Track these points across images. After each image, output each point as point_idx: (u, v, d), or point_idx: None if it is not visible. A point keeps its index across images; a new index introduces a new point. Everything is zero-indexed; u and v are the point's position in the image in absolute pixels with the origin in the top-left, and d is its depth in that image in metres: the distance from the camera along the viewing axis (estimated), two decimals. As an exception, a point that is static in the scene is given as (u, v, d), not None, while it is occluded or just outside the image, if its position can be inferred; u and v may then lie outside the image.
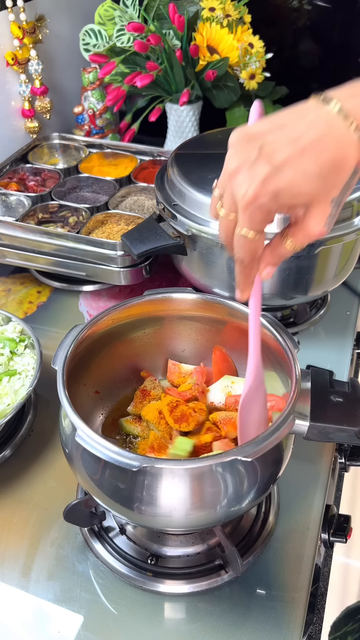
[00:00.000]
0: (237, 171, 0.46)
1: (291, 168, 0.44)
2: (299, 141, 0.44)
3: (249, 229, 0.47)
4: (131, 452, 0.50)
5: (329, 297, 0.99)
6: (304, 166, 0.44)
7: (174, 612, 0.60)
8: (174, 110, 1.26)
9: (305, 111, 0.46)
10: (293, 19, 1.32)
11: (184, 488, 0.50)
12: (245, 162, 0.46)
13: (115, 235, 0.96)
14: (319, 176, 0.44)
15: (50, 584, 0.62)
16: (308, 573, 0.62)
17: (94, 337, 0.65)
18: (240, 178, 0.46)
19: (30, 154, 1.17)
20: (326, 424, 0.55)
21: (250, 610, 0.59)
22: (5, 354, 0.78)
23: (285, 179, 0.44)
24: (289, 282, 0.81)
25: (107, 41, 1.20)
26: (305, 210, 0.48)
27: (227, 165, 0.47)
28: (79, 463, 0.54)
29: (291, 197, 0.45)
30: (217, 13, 1.16)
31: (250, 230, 0.47)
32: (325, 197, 0.46)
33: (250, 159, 0.45)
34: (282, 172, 0.44)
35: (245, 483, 0.52)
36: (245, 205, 0.46)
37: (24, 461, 0.74)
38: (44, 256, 0.95)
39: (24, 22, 1.13)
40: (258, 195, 0.45)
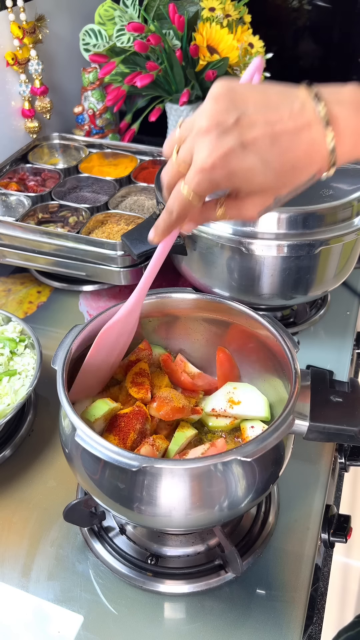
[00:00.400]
0: (207, 131, 0.44)
1: (256, 154, 0.43)
2: (275, 126, 0.43)
3: (191, 191, 0.47)
4: (131, 452, 0.50)
5: (329, 297, 0.99)
6: (268, 157, 0.44)
7: (174, 612, 0.60)
8: (174, 110, 1.26)
9: (294, 98, 0.44)
10: (293, 19, 1.32)
11: (184, 488, 0.50)
12: (219, 125, 0.44)
13: (115, 235, 0.96)
14: (277, 172, 0.44)
15: (50, 584, 0.62)
16: (308, 573, 0.62)
17: (94, 337, 0.65)
18: (206, 140, 0.44)
19: (30, 154, 1.17)
20: (326, 424, 0.55)
21: (250, 610, 0.59)
22: (5, 354, 0.78)
23: (246, 162, 0.44)
24: (289, 282, 0.81)
25: (107, 41, 1.20)
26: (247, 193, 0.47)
27: (200, 119, 0.45)
28: (78, 463, 0.54)
29: (243, 180, 0.45)
30: (217, 13, 1.16)
31: (193, 191, 0.47)
32: (272, 191, 0.46)
33: (224, 125, 0.44)
34: (246, 154, 0.43)
35: (244, 483, 0.52)
36: (199, 170, 0.45)
37: (24, 461, 0.74)
38: (44, 256, 0.95)
39: (24, 22, 1.13)
40: (215, 166, 0.44)
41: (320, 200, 0.77)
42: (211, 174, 0.45)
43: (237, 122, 0.44)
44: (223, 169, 0.44)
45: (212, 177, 0.45)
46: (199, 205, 0.49)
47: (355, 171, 0.83)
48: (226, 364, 0.70)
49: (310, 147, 0.44)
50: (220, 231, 0.78)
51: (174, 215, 0.50)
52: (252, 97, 0.45)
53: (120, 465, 0.49)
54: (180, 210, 0.49)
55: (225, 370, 0.70)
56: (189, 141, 0.46)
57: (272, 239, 0.76)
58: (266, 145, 0.43)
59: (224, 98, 0.45)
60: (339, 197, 0.78)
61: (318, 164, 0.45)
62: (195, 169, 0.45)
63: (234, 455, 0.49)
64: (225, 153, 0.44)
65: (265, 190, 0.46)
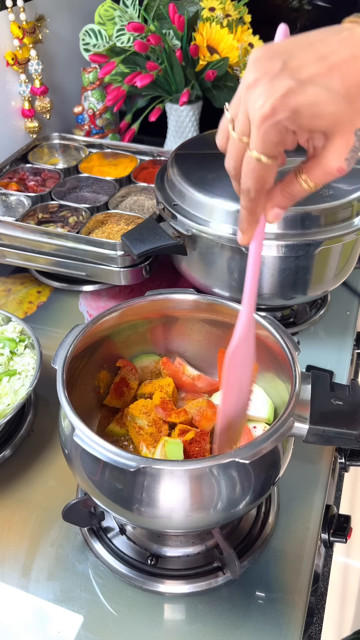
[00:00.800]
0: (255, 83, 0.41)
1: (316, 85, 0.40)
2: (328, 59, 0.40)
3: (260, 151, 0.42)
4: (129, 452, 0.50)
5: (329, 297, 0.99)
6: (331, 84, 0.40)
7: (174, 612, 0.60)
8: (174, 110, 1.26)
9: (339, 30, 0.42)
10: (293, 19, 1.32)
11: (182, 489, 0.50)
12: (266, 74, 0.41)
13: (115, 235, 0.96)
14: (345, 97, 0.40)
15: (50, 584, 0.62)
16: (308, 573, 0.62)
17: (94, 337, 0.65)
18: (258, 90, 0.41)
19: (30, 154, 1.17)
20: (326, 427, 0.55)
21: (250, 611, 0.59)
22: (5, 354, 0.78)
23: (308, 95, 0.40)
24: (289, 282, 0.81)
25: (107, 41, 1.20)
26: (325, 140, 0.43)
27: (245, 79, 0.42)
28: (78, 463, 0.54)
29: (312, 118, 0.41)
30: (217, 13, 1.16)
31: (262, 153, 0.42)
32: (350, 124, 0.42)
33: (272, 72, 0.41)
34: (305, 88, 0.40)
35: (243, 485, 0.51)
36: (261, 120, 0.41)
37: (24, 461, 0.74)
38: (44, 256, 0.95)
39: (24, 22, 1.13)
40: (276, 109, 0.40)
41: (320, 200, 0.77)
42: (274, 119, 0.41)
43: (286, 65, 0.41)
44: (286, 110, 0.40)
45: (277, 122, 0.41)
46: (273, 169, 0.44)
47: (356, 171, 0.83)
48: None
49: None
50: (220, 231, 0.78)
51: (252, 194, 0.45)
52: (292, 43, 0.42)
53: (119, 465, 0.49)
54: (257, 183, 0.44)
55: None
56: (241, 108, 0.43)
57: (272, 239, 0.76)
58: (324, 76, 0.40)
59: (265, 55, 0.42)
60: (339, 197, 0.78)
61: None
62: (257, 122, 0.41)
63: (232, 458, 0.49)
64: (283, 94, 0.40)
65: (340, 124, 0.41)
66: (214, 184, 0.81)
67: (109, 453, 0.49)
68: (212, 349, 0.71)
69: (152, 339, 0.72)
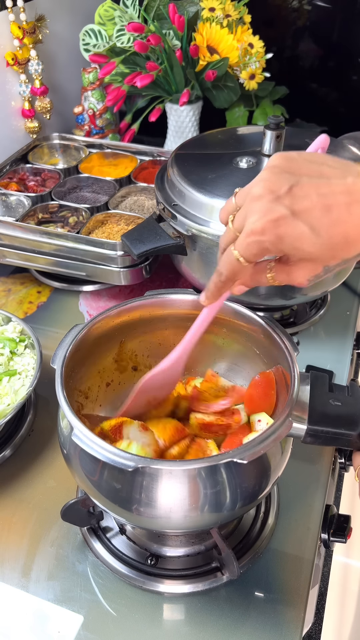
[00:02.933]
0: (260, 198, 0.46)
1: (306, 223, 0.44)
2: (327, 198, 0.44)
3: (240, 254, 0.48)
4: (128, 452, 0.50)
5: (328, 297, 0.99)
6: (318, 227, 0.44)
7: (173, 612, 0.60)
8: (174, 111, 1.26)
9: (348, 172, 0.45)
10: (293, 19, 1.32)
11: (181, 489, 0.50)
12: (272, 193, 0.45)
13: (115, 235, 0.96)
14: (326, 243, 0.45)
15: (50, 584, 0.62)
16: (308, 573, 0.62)
17: (94, 337, 0.65)
18: (258, 206, 0.46)
19: (30, 154, 1.17)
20: (324, 427, 0.55)
21: (250, 611, 0.59)
22: (5, 354, 0.78)
23: (296, 230, 0.44)
24: (289, 282, 0.81)
25: (107, 41, 1.20)
26: (298, 260, 0.48)
27: (256, 187, 0.47)
28: (76, 463, 0.54)
29: (292, 248, 0.46)
30: (217, 13, 1.16)
31: (241, 255, 0.48)
32: (322, 261, 0.47)
33: (277, 193, 0.45)
34: (296, 222, 0.44)
35: (242, 485, 0.51)
36: (248, 233, 0.46)
37: (24, 461, 0.74)
38: (44, 256, 0.95)
39: (24, 22, 1.13)
40: (264, 230, 0.45)
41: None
42: (260, 237, 0.46)
43: (290, 190, 0.45)
44: (272, 234, 0.45)
45: (261, 240, 0.46)
46: (247, 268, 0.50)
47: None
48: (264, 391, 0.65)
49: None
50: (220, 231, 0.78)
51: (222, 277, 0.51)
52: (307, 167, 0.46)
53: (117, 465, 0.49)
54: (228, 273, 0.51)
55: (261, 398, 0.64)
56: (243, 209, 0.48)
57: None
58: (317, 216, 0.44)
59: (281, 166, 0.46)
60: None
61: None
62: (245, 233, 0.47)
63: (230, 458, 0.49)
64: (276, 219, 0.45)
65: (314, 259, 0.47)
66: (214, 184, 0.81)
67: (108, 453, 0.49)
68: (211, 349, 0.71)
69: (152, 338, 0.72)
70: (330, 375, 0.84)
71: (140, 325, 0.70)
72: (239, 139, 0.93)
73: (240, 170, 0.83)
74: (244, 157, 0.84)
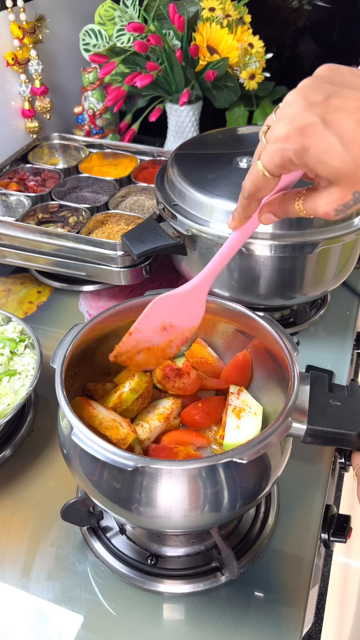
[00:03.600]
0: (292, 104, 0.43)
1: (336, 135, 0.41)
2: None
3: (263, 164, 0.45)
4: (127, 452, 0.50)
5: (329, 297, 0.99)
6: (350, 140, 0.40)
7: (173, 612, 0.60)
8: (174, 110, 1.26)
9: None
10: (293, 19, 1.32)
11: (180, 489, 0.50)
12: (305, 99, 0.42)
13: (115, 235, 0.96)
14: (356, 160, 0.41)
15: (50, 584, 0.62)
16: (308, 573, 0.62)
17: (94, 336, 0.65)
18: (288, 111, 0.42)
19: (30, 154, 1.17)
20: (323, 427, 0.55)
21: (250, 610, 0.59)
22: (5, 354, 0.78)
23: (323, 140, 0.41)
24: (289, 282, 0.81)
25: (107, 41, 1.20)
26: (327, 183, 0.44)
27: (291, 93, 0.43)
28: (76, 463, 0.54)
29: (316, 162, 0.42)
30: (217, 13, 1.16)
31: (264, 166, 0.44)
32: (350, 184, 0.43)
33: (310, 100, 0.42)
34: (326, 131, 0.41)
35: (241, 485, 0.51)
36: (273, 140, 0.43)
37: (24, 461, 0.74)
38: (44, 256, 0.95)
39: (24, 22, 1.13)
40: (289, 137, 0.42)
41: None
42: (283, 144, 0.42)
43: (327, 99, 0.41)
44: (297, 142, 0.42)
45: (284, 148, 0.42)
46: (270, 184, 0.46)
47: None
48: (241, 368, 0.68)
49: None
50: (220, 231, 0.78)
51: (245, 192, 0.48)
52: (353, 81, 0.42)
53: (117, 465, 0.49)
54: (251, 187, 0.47)
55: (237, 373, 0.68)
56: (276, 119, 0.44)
57: (272, 239, 0.76)
58: (350, 128, 0.40)
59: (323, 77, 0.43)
60: (339, 197, 0.77)
61: None
62: (270, 139, 0.44)
63: (229, 457, 0.49)
64: (303, 126, 0.41)
65: (342, 180, 0.42)
66: (214, 184, 0.81)
67: (107, 452, 0.49)
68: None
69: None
70: (330, 375, 0.84)
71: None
72: (239, 139, 0.93)
73: (240, 170, 0.83)
74: (244, 157, 0.84)
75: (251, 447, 0.50)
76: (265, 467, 0.53)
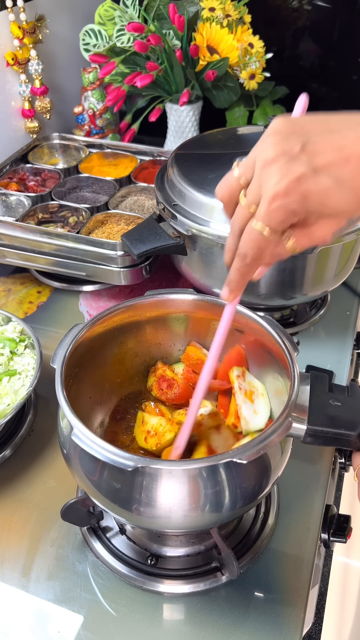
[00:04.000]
0: (274, 161, 0.43)
1: (329, 176, 0.42)
2: (344, 150, 0.42)
3: (265, 225, 0.44)
4: (127, 452, 0.50)
5: (329, 297, 0.99)
6: (343, 177, 0.42)
7: (173, 612, 0.60)
8: (174, 110, 1.26)
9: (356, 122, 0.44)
10: (293, 19, 1.32)
11: (180, 489, 0.50)
12: (285, 154, 0.43)
13: (115, 235, 0.96)
14: (353, 193, 0.43)
15: (50, 584, 0.62)
16: (308, 573, 0.62)
17: (93, 336, 0.65)
18: (275, 167, 0.43)
19: (30, 154, 1.17)
20: (324, 428, 0.55)
21: (250, 610, 0.59)
22: (5, 354, 0.78)
23: (320, 185, 0.42)
24: (289, 282, 0.81)
25: (107, 41, 1.20)
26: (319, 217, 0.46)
27: (264, 152, 0.44)
28: (76, 463, 0.54)
29: (319, 206, 0.43)
30: (217, 13, 1.16)
31: (267, 226, 0.44)
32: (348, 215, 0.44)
33: (291, 153, 0.43)
34: (319, 177, 0.42)
35: (241, 485, 0.51)
36: (272, 198, 0.43)
37: (24, 461, 0.74)
38: (44, 256, 0.95)
39: (24, 22, 1.13)
40: (288, 191, 0.42)
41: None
42: (285, 199, 0.43)
43: (304, 148, 0.43)
44: (297, 194, 0.42)
45: (287, 203, 0.43)
46: (272, 243, 0.46)
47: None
48: (236, 363, 0.68)
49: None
50: (220, 231, 0.78)
51: (248, 259, 0.47)
52: (312, 125, 0.44)
53: (117, 465, 0.49)
54: (254, 252, 0.47)
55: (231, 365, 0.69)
56: (255, 178, 0.45)
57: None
58: (339, 169, 0.42)
59: (285, 130, 0.44)
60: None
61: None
62: (268, 199, 0.43)
63: (229, 458, 0.49)
64: (298, 177, 0.42)
65: (341, 213, 0.44)
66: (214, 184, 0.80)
67: (107, 453, 0.49)
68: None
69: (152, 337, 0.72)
70: (330, 375, 0.84)
71: (141, 325, 0.70)
72: (239, 139, 0.93)
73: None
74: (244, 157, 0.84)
75: (251, 447, 0.50)
76: (265, 467, 0.53)
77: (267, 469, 0.54)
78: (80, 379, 0.65)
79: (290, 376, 0.57)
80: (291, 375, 0.57)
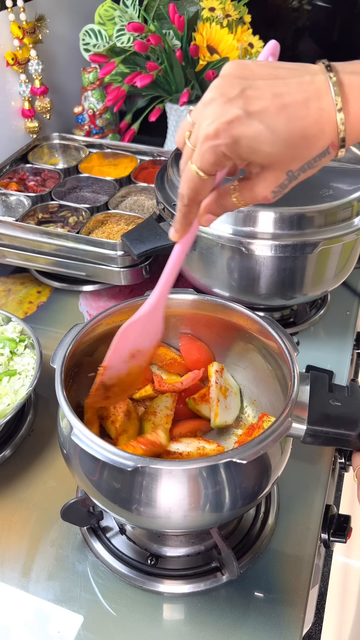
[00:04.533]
0: (211, 102, 0.43)
1: (262, 122, 0.42)
2: (282, 97, 0.42)
3: (197, 167, 0.45)
4: (127, 452, 0.50)
5: (329, 297, 0.99)
6: (275, 124, 0.42)
7: (173, 612, 0.60)
8: (174, 110, 1.26)
9: (305, 71, 0.43)
10: (293, 19, 1.32)
11: (180, 489, 0.50)
12: (222, 96, 0.43)
13: (115, 235, 0.96)
14: (285, 141, 0.42)
15: (50, 584, 0.62)
16: (308, 573, 0.62)
17: (94, 336, 0.65)
18: (210, 109, 0.43)
19: (30, 154, 1.17)
20: (323, 428, 0.55)
21: (250, 611, 0.59)
22: (5, 354, 0.78)
23: (251, 129, 0.42)
24: (289, 282, 0.81)
25: (107, 41, 1.20)
26: (260, 169, 0.46)
27: (206, 94, 0.45)
28: (76, 463, 0.54)
29: (249, 151, 0.43)
30: (217, 13, 1.16)
31: (199, 168, 0.45)
32: (283, 165, 0.44)
33: (228, 96, 0.43)
34: (251, 121, 0.42)
35: (241, 485, 0.51)
36: (203, 139, 0.44)
37: (24, 461, 0.74)
38: (44, 256, 0.95)
39: (24, 22, 1.13)
40: (218, 133, 0.43)
41: (320, 200, 0.77)
42: (214, 141, 0.43)
43: (242, 92, 0.42)
44: (227, 136, 0.42)
45: (216, 144, 0.43)
46: (208, 184, 0.47)
47: (356, 171, 0.83)
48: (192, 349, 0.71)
49: (319, 116, 0.42)
50: (220, 231, 0.78)
51: (185, 199, 0.48)
52: (261, 71, 0.44)
53: (116, 465, 0.49)
54: (189, 192, 0.47)
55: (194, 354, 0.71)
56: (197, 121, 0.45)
57: (272, 239, 0.76)
58: (273, 114, 0.42)
59: (232, 74, 0.44)
60: (339, 197, 0.78)
61: (329, 136, 0.43)
62: (200, 140, 0.44)
63: (229, 458, 0.49)
64: (230, 120, 0.42)
65: (275, 162, 0.44)
66: (214, 184, 0.81)
67: (107, 453, 0.49)
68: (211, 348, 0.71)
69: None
70: (330, 375, 0.84)
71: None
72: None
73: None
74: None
75: (251, 447, 0.50)
76: (265, 467, 0.53)
77: (267, 469, 0.54)
78: (80, 379, 0.65)
79: (290, 376, 0.57)
80: (291, 376, 0.57)
